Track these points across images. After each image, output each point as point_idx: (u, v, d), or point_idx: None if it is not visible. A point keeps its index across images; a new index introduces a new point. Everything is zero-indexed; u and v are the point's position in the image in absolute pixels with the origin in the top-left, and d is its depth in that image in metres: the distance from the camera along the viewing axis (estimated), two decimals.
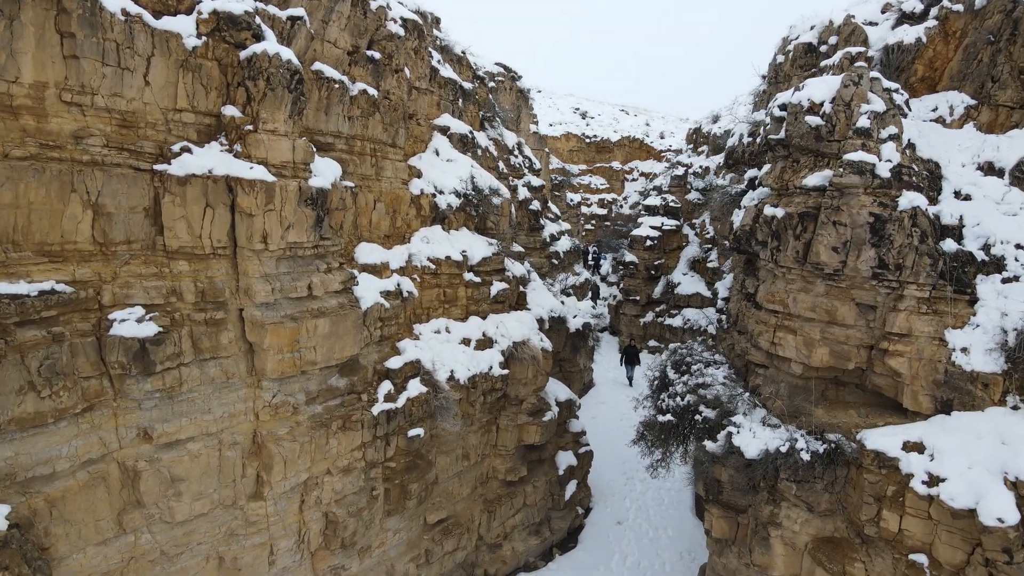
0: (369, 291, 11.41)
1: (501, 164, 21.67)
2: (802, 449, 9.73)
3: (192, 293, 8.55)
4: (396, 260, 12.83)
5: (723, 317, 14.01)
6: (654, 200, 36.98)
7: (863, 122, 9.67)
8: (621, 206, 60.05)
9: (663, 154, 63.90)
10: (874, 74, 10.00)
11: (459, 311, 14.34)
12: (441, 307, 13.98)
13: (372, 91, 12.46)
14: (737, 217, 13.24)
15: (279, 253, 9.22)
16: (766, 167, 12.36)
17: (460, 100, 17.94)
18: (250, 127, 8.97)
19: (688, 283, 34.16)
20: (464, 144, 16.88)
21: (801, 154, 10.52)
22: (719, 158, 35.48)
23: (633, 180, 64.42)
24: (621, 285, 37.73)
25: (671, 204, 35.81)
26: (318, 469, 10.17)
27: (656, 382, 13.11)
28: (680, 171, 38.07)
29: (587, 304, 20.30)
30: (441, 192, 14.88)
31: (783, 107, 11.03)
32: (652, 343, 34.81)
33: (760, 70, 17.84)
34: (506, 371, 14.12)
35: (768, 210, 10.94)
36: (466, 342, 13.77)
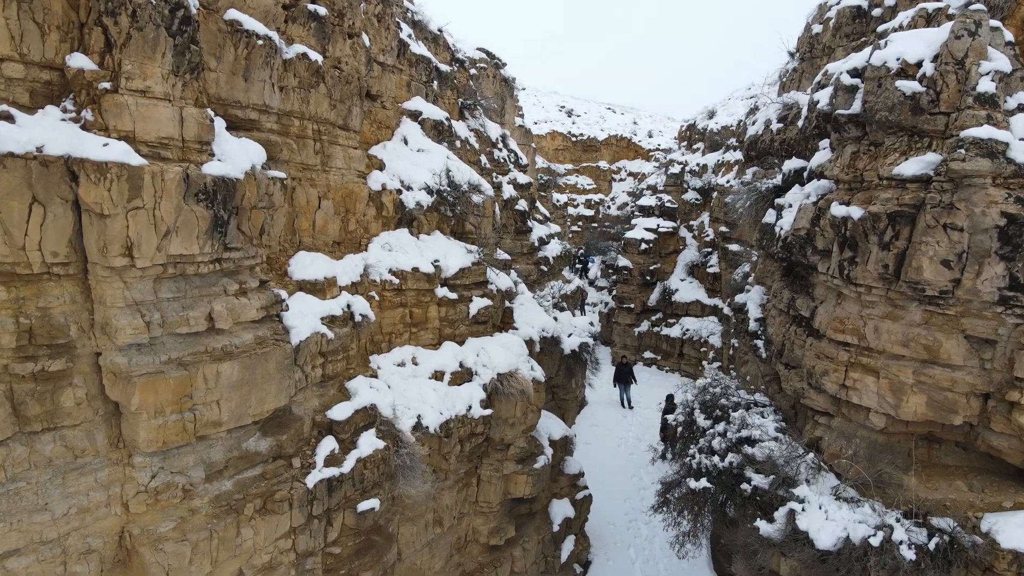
0: (306, 317, 8.52)
1: (483, 158, 18.91)
2: (902, 541, 6.97)
3: (11, 333, 5.62)
4: (347, 274, 9.96)
5: (759, 344, 11.29)
6: (648, 200, 34.34)
7: (985, 86, 6.95)
8: (609, 207, 57.90)
9: (651, 153, 61.64)
10: (994, 22, 7.29)
11: (430, 335, 11.49)
12: (407, 332, 11.13)
13: (315, 56, 9.60)
14: (779, 219, 10.51)
15: (156, 271, 6.32)
16: (820, 155, 9.68)
17: (435, 83, 15.17)
18: (108, 85, 6.07)
19: (686, 290, 31.59)
20: (439, 132, 14.10)
21: (886, 133, 7.79)
22: (717, 155, 33.01)
23: (621, 180, 62.15)
24: (613, 291, 35.05)
25: (667, 204, 33.16)
26: (225, 573, 7.26)
27: (681, 428, 10.34)
28: (676, 169, 35.43)
29: (583, 320, 17.52)
30: (409, 188, 12.07)
31: (856, 72, 8.30)
32: (648, 354, 32.18)
33: (788, 44, 15.17)
34: (489, 411, 11.28)
35: (837, 209, 8.21)
36: (438, 376, 10.92)
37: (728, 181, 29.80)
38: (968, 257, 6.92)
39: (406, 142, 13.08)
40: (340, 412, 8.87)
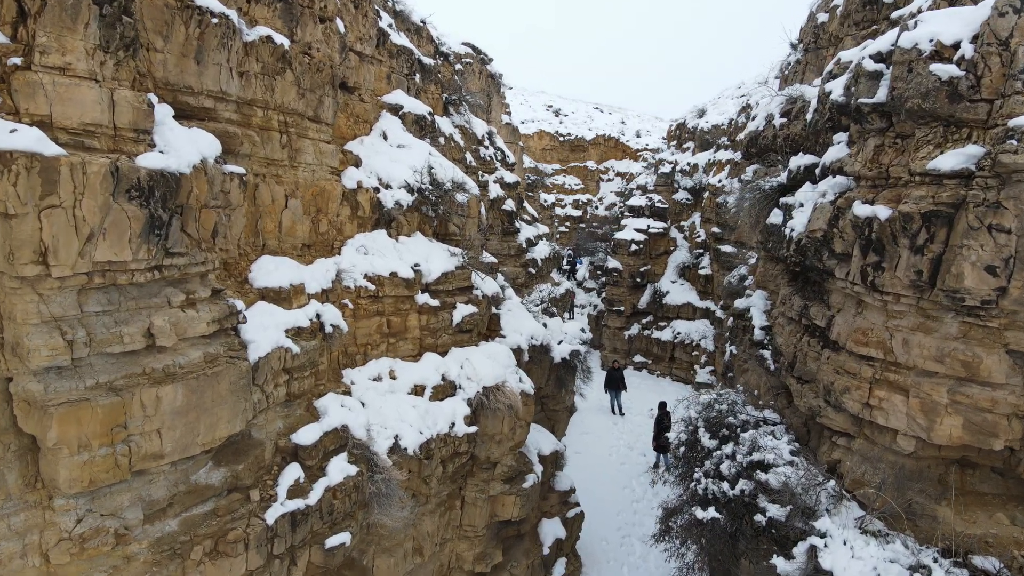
0: (267, 330, 7.58)
1: (468, 156, 18.04)
2: None
3: None
4: (317, 280, 9.02)
5: (766, 354, 10.48)
6: (638, 200, 33.55)
7: None
8: (596, 207, 57.36)
9: (639, 153, 61.08)
10: None
11: (409, 346, 10.57)
12: (384, 343, 10.21)
13: (281, 40, 8.69)
14: (788, 219, 9.70)
15: (79, 281, 5.37)
16: (834, 150, 8.87)
17: (418, 76, 14.26)
18: (19, 61, 5.12)
19: (677, 292, 30.82)
20: (421, 128, 13.20)
21: (917, 124, 6.98)
22: (708, 154, 32.33)
23: (609, 180, 61.58)
24: (603, 294, 34.24)
25: (658, 204, 32.39)
26: None
27: (684, 448, 9.48)
28: (666, 169, 34.67)
29: (574, 326, 16.65)
30: (388, 186, 11.16)
31: (881, 57, 7.49)
32: (638, 358, 31.37)
33: (790, 35, 14.40)
34: (473, 428, 10.38)
35: (860, 209, 7.39)
36: (418, 391, 10.00)
37: (720, 181, 29.08)
38: (1016, 263, 6.12)
39: (385, 137, 12.18)
40: (307, 435, 7.93)
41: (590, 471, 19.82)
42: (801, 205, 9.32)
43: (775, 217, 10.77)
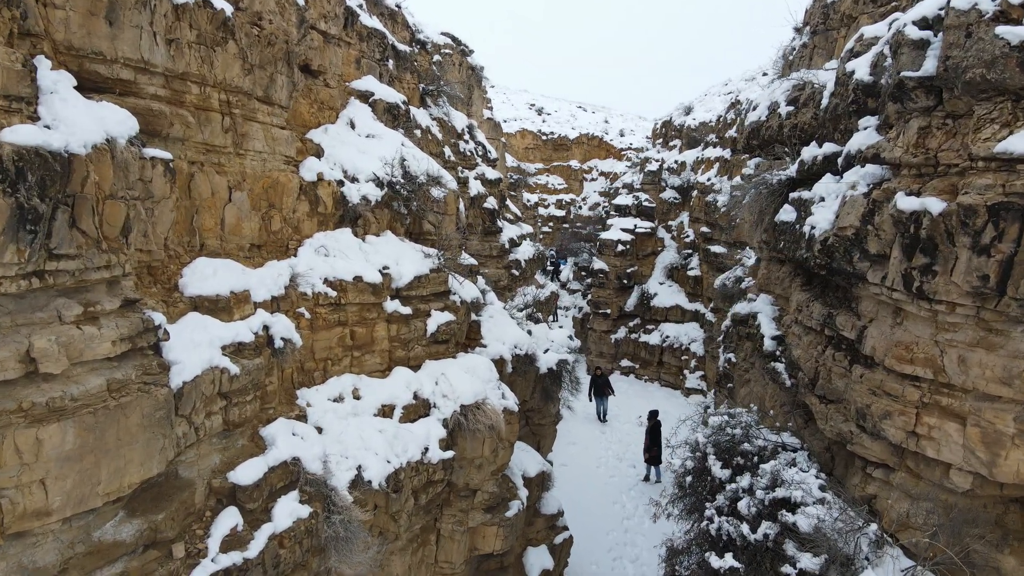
0: (199, 347, 6.29)
1: (447, 150, 16.83)
2: None
3: None
4: (266, 286, 7.74)
5: (779, 367, 9.33)
6: (625, 199, 32.45)
7: None
8: (580, 207, 56.57)
9: (623, 152, 60.32)
10: None
11: (377, 360, 9.30)
12: (347, 357, 8.93)
13: (223, 5, 7.43)
14: (805, 216, 8.57)
15: None
16: (861, 136, 7.75)
17: (391, 62, 13.03)
18: None
19: (666, 294, 29.78)
20: (394, 117, 11.95)
21: (977, 99, 5.84)
22: (696, 152, 31.40)
23: (592, 180, 60.75)
24: (588, 296, 33.10)
25: (645, 203, 31.30)
26: None
27: (690, 477, 8.29)
28: (653, 167, 33.63)
29: (562, 333, 15.46)
30: (354, 179, 9.94)
31: (927, 23, 6.36)
32: (625, 363, 30.27)
33: (795, 18, 13.31)
34: (450, 452, 9.14)
35: (905, 202, 6.24)
36: (386, 412, 8.74)
37: (709, 179, 28.12)
38: None
39: (353, 126, 10.94)
40: (247, 472, 6.62)
41: (577, 484, 18.71)
42: (822, 199, 8.19)
43: (786, 214, 9.66)
